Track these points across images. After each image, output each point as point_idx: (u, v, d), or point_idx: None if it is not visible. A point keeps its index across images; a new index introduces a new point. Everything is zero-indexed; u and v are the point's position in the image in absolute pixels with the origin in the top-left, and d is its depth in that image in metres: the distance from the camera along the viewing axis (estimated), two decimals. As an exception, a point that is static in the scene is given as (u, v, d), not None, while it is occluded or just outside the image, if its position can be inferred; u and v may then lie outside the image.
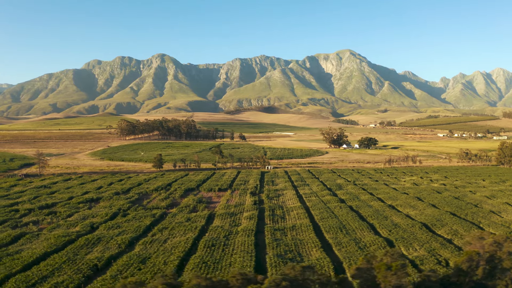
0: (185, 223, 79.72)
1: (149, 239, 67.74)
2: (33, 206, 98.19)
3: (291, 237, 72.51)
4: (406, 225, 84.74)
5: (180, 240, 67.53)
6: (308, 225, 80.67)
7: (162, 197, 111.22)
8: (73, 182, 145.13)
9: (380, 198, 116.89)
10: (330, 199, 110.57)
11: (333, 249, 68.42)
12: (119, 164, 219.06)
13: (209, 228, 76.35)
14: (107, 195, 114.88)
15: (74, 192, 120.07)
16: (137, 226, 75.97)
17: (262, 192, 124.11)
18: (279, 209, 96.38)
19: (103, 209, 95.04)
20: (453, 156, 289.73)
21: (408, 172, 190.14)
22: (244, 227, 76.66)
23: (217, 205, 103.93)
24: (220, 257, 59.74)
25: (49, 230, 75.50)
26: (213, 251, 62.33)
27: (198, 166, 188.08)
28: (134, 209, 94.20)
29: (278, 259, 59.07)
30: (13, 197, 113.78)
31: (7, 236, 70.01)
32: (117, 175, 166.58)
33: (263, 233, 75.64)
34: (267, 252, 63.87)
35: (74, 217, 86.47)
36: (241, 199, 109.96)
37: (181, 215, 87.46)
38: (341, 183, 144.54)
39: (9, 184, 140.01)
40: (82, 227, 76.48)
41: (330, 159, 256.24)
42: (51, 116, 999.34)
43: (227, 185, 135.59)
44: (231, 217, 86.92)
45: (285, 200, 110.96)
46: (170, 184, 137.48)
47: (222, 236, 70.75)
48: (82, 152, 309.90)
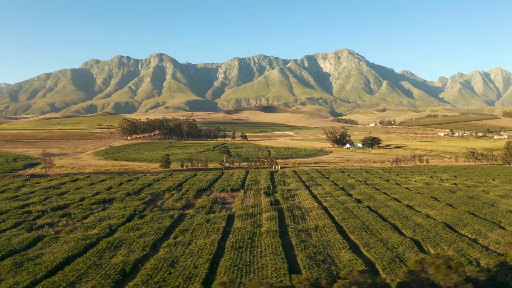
0: (205, 224, 78.02)
1: (173, 242, 66.01)
2: (46, 208, 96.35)
3: (317, 238, 71.07)
4: (429, 225, 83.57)
5: (205, 242, 65.83)
6: (330, 225, 79.29)
7: (175, 197, 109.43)
8: (82, 182, 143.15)
9: (395, 198, 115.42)
10: (346, 199, 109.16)
11: (361, 250, 67.24)
12: (124, 164, 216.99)
13: (231, 229, 74.79)
14: (119, 195, 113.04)
15: (85, 193, 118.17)
16: (157, 228, 74.17)
17: (276, 192, 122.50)
18: (298, 210, 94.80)
19: (118, 210, 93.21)
20: (457, 155, 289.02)
21: (416, 171, 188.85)
22: (267, 228, 75.04)
23: (233, 206, 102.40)
24: (250, 259, 58.14)
25: (66, 232, 73.57)
26: (241, 254, 60.72)
27: (205, 166, 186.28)
28: (150, 210, 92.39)
29: (310, 261, 57.63)
30: (23, 198, 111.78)
31: (24, 240, 68.02)
32: (125, 175, 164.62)
33: (287, 234, 74.26)
34: (297, 253, 62.51)
35: (89, 219, 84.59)
36: (256, 200, 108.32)
37: (199, 216, 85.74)
38: (352, 183, 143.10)
39: (16, 185, 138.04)
40: (101, 229, 74.64)
41: (335, 158, 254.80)
42: (50, 116, 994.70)
43: (238, 185, 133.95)
44: (251, 218, 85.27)
45: (301, 200, 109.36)
46: (181, 185, 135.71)
47: (246, 238, 69.13)
48: (84, 151, 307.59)
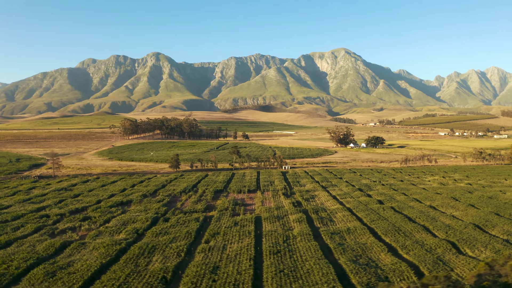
0: (234, 227, 75.93)
1: (206, 246, 63.89)
2: (63, 211, 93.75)
3: (352, 241, 69.65)
4: (458, 226, 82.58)
5: (240, 246, 63.79)
6: (362, 228, 77.70)
7: (193, 200, 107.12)
8: (93, 184, 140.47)
9: (416, 199, 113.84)
10: (368, 200, 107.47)
11: (399, 253, 65.90)
12: (131, 165, 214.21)
13: (263, 233, 72.78)
14: (135, 197, 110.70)
15: (100, 195, 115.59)
16: (186, 232, 71.92)
17: (294, 193, 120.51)
18: (323, 212, 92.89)
19: (139, 213, 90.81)
20: (460, 155, 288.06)
21: (427, 171, 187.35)
22: (299, 231, 73.18)
23: (254, 208, 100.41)
24: (293, 264, 56.23)
25: (91, 237, 71.05)
26: (281, 258, 58.84)
27: (215, 166, 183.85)
28: (172, 213, 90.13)
29: (355, 265, 56.06)
30: (36, 201, 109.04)
31: (49, 246, 65.43)
32: (135, 176, 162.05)
33: (321, 237, 72.71)
34: (337, 257, 60.92)
35: (112, 222, 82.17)
36: (277, 201, 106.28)
37: (225, 219, 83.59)
38: (367, 184, 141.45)
39: (26, 187, 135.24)
40: (128, 234, 72.25)
41: (342, 158, 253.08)
42: (47, 115, 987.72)
43: (254, 186, 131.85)
44: (279, 220, 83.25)
45: (323, 201, 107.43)
46: (195, 186, 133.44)
47: (281, 242, 67.25)
48: (87, 151, 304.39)
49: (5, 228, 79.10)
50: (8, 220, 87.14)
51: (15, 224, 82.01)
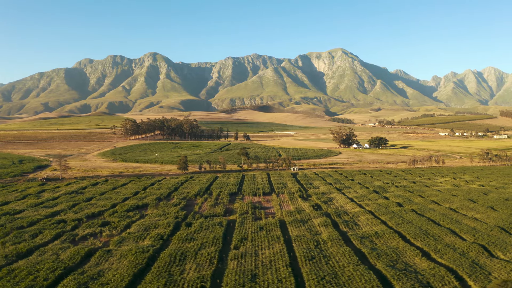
0: (260, 232, 74.32)
1: (238, 253, 62.25)
2: (79, 216, 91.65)
3: (383, 246, 68.69)
4: (485, 229, 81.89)
5: (272, 252, 62.27)
6: (389, 231, 76.68)
7: (211, 203, 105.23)
8: (103, 186, 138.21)
9: (434, 201, 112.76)
10: (387, 203, 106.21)
11: (433, 257, 65.12)
12: (137, 166, 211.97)
13: (291, 238, 71.38)
14: (150, 201, 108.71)
15: (113, 199, 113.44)
16: (214, 238, 70.14)
17: (310, 196, 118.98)
18: (345, 215, 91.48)
19: (158, 217, 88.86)
20: (464, 155, 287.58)
21: (436, 172, 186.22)
22: (328, 236, 71.83)
23: (274, 211, 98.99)
24: (332, 271, 54.93)
25: (116, 244, 68.95)
26: (318, 265, 57.50)
27: (223, 168, 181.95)
28: (192, 217, 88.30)
29: (395, 271, 55.22)
30: (49, 205, 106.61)
31: (74, 254, 63.22)
32: (144, 178, 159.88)
33: (351, 242, 71.70)
34: (373, 262, 60.11)
35: (133, 228, 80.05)
36: (295, 204, 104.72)
37: (248, 223, 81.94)
38: (381, 185, 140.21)
39: (35, 190, 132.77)
40: (152, 240, 70.28)
41: (347, 159, 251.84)
42: (45, 116, 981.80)
43: (268, 188, 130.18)
44: (303, 224, 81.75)
45: (342, 204, 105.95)
46: (208, 188, 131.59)
47: (313, 247, 65.87)
48: (89, 152, 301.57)
49: (22, 235, 76.83)
50: (23, 226, 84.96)
51: (32, 230, 79.78)
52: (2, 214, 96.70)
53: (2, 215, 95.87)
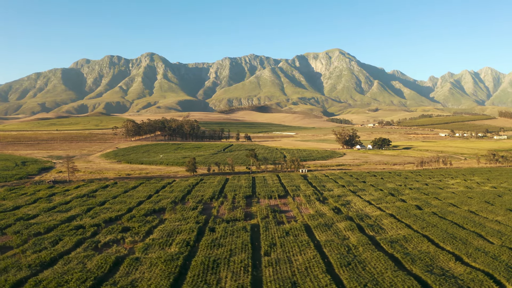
0: (287, 237, 73.02)
1: (270, 259, 60.86)
2: (97, 221, 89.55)
3: (415, 250, 67.80)
4: (510, 232, 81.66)
5: (306, 258, 61.03)
6: (417, 235, 76.33)
7: (228, 206, 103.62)
8: (114, 189, 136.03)
9: (452, 204, 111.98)
10: (406, 206, 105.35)
11: (466, 261, 64.54)
12: (143, 168, 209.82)
13: (320, 243, 70.15)
14: (166, 205, 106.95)
15: (127, 202, 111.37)
16: (241, 244, 68.60)
17: (326, 199, 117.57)
18: (367, 218, 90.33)
19: (179, 222, 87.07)
20: (468, 156, 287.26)
21: (445, 174, 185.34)
22: (357, 240, 70.94)
23: (293, 214, 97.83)
24: (372, 277, 54.05)
25: (141, 251, 66.97)
26: (355, 271, 56.62)
27: (232, 170, 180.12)
28: (213, 222, 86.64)
29: (435, 277, 54.80)
30: (63, 210, 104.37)
31: (102, 263, 61.04)
32: (153, 180, 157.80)
33: (381, 246, 70.99)
34: (409, 268, 59.71)
35: (156, 234, 78.12)
36: (314, 208, 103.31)
37: (273, 228, 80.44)
38: (394, 188, 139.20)
39: (45, 193, 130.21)
40: (178, 246, 68.46)
41: (353, 160, 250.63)
42: (42, 116, 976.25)
43: (282, 191, 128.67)
44: (329, 228, 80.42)
45: (361, 207, 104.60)
46: (222, 191, 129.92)
47: (345, 252, 64.87)
48: (92, 154, 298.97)
49: (42, 242, 74.72)
50: (41, 232, 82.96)
51: (51, 237, 77.71)
52: (16, 219, 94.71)
53: (16, 220, 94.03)
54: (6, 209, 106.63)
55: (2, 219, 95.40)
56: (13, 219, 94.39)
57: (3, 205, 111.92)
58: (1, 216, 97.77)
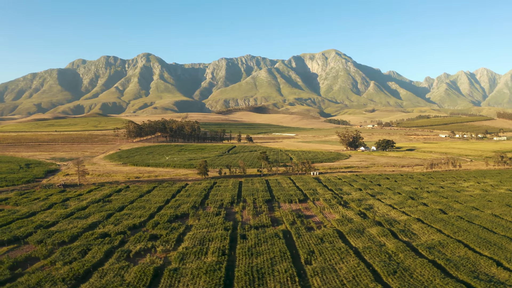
0: (323, 244, 71.89)
1: (315, 268, 59.58)
2: (121, 228, 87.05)
3: (455, 256, 66.83)
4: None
5: (351, 266, 59.98)
6: (451, 240, 76.00)
7: (251, 212, 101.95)
8: (129, 194, 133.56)
9: (474, 207, 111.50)
10: (430, 210, 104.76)
11: (507, 266, 63.76)
12: (150, 171, 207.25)
13: (359, 250, 69.00)
14: (186, 210, 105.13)
15: (146, 208, 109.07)
16: (279, 252, 67.01)
17: (347, 203, 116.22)
18: (396, 223, 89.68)
19: (206, 229, 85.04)
20: (473, 158, 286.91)
21: (457, 176, 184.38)
22: (395, 247, 70.30)
23: (318, 219, 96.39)
24: (423, 286, 53.25)
25: (178, 261, 64.64)
26: (404, 279, 56.23)
27: (243, 173, 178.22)
28: (242, 228, 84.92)
29: (485, 284, 54.07)
30: (81, 216, 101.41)
31: (141, 275, 58.40)
32: (165, 184, 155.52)
33: (419, 252, 69.99)
34: (456, 275, 58.81)
35: (187, 242, 75.78)
36: (337, 212, 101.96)
37: (305, 234, 79.13)
38: (412, 191, 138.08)
39: (58, 198, 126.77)
40: (215, 255, 66.48)
41: (360, 162, 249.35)
42: (39, 117, 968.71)
43: (300, 194, 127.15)
44: (362, 234, 79.25)
45: (385, 212, 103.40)
46: (239, 195, 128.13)
47: (387, 259, 64.30)
48: (95, 156, 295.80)
49: (69, 252, 71.85)
50: (65, 241, 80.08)
51: (77, 246, 74.94)
52: (36, 227, 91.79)
53: (36, 228, 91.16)
54: (22, 216, 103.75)
55: (20, 226, 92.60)
56: (32, 226, 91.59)
57: (18, 211, 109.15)
58: (19, 224, 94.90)
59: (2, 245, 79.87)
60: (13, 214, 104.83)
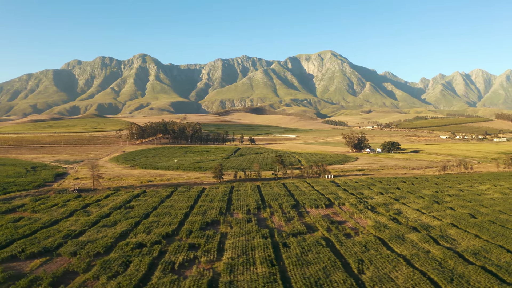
0: (369, 252, 71.19)
1: (371, 278, 58.76)
2: (154, 237, 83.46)
3: (503, 262, 66.12)
4: None
5: (406, 275, 59.64)
6: (492, 246, 75.13)
7: (282, 218, 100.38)
8: (149, 199, 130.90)
9: (502, 211, 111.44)
10: (460, 214, 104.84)
11: None
12: (161, 174, 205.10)
13: (408, 257, 68.33)
14: (214, 216, 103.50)
15: (172, 214, 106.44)
16: (329, 260, 66.06)
17: (374, 207, 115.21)
18: (431, 228, 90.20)
19: (243, 237, 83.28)
20: (479, 160, 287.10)
21: (471, 179, 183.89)
22: (441, 253, 69.51)
23: (351, 225, 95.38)
24: None
25: (228, 273, 62.42)
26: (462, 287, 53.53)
27: (259, 176, 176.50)
28: (280, 236, 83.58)
29: None
30: (108, 224, 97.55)
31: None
32: (182, 188, 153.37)
33: (465, 258, 69.37)
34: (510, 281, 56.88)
35: (230, 252, 73.46)
36: (368, 217, 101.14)
37: (348, 242, 78.13)
38: (433, 195, 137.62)
39: (77, 204, 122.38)
40: (265, 266, 64.51)
41: (370, 165, 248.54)
42: (36, 118, 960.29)
43: (325, 199, 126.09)
44: (403, 241, 78.49)
45: (415, 217, 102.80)
46: (263, 200, 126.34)
47: (438, 267, 63.62)
48: (100, 158, 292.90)
49: (110, 265, 67.90)
50: (100, 252, 76.44)
51: (116, 258, 71.01)
52: (64, 237, 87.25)
53: (65, 238, 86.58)
54: (45, 224, 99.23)
55: (47, 236, 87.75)
56: (59, 236, 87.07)
57: (39, 219, 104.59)
58: (45, 233, 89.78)
59: (34, 258, 75.75)
60: (35, 223, 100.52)
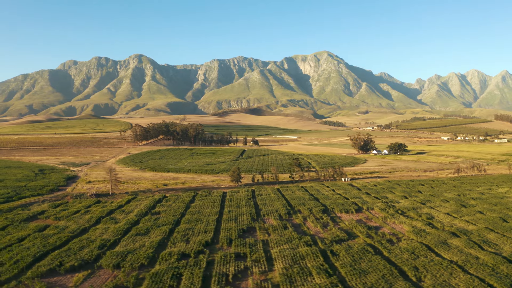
0: (420, 259, 70.59)
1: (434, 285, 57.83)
2: (196, 247, 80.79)
3: None
4: None
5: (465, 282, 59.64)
6: None
7: (317, 224, 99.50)
8: (172, 204, 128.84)
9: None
10: (491, 218, 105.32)
11: None
12: (174, 177, 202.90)
13: (460, 263, 68.09)
14: (248, 222, 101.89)
15: (203, 221, 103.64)
16: (385, 268, 65.78)
17: (404, 212, 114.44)
18: (470, 233, 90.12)
19: (286, 245, 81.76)
20: (486, 161, 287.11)
21: (487, 182, 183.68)
22: (491, 259, 69.46)
23: (387, 230, 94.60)
24: None
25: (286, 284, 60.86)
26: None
27: (276, 179, 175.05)
28: (323, 243, 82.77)
29: None
30: (141, 232, 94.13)
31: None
32: (201, 192, 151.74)
33: None
34: None
35: (280, 261, 71.54)
36: (403, 222, 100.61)
37: (393, 248, 77.71)
38: (457, 198, 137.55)
39: (101, 211, 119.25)
40: (322, 276, 63.34)
41: (380, 167, 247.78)
42: (33, 119, 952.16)
43: (351, 204, 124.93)
44: (448, 246, 78.14)
45: (448, 221, 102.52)
46: (290, 205, 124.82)
47: (493, 273, 63.31)
48: (106, 160, 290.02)
49: (160, 279, 64.24)
50: (144, 264, 72.86)
51: (164, 271, 67.55)
52: (99, 247, 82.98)
53: (100, 248, 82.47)
54: (74, 233, 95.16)
55: (82, 247, 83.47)
56: (94, 247, 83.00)
57: (65, 228, 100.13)
58: (77, 243, 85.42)
59: (74, 271, 71.76)
60: (63, 232, 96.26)
